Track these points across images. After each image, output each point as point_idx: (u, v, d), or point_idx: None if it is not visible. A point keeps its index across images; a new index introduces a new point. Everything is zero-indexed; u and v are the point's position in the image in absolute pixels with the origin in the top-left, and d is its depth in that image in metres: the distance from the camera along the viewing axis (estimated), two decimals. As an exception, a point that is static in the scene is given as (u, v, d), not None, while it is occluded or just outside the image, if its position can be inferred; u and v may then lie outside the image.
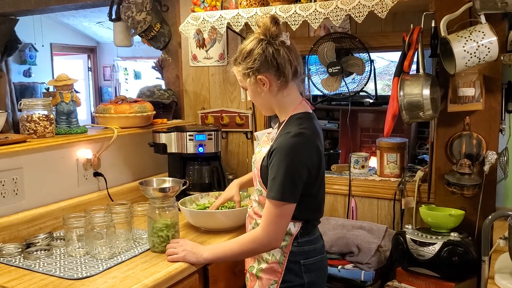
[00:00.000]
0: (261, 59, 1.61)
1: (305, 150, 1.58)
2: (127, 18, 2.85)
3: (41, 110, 2.15)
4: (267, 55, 1.61)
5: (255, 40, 1.64)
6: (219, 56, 2.88)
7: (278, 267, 1.66)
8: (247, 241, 1.65)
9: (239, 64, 1.67)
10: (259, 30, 1.64)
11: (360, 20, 2.10)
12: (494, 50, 1.86)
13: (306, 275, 1.66)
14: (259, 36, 1.64)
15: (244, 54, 1.64)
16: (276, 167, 1.56)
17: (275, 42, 1.62)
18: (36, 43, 7.08)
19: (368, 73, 2.45)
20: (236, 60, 1.68)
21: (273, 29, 1.61)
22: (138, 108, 2.53)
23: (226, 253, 1.70)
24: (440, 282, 2.01)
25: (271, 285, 1.67)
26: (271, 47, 1.61)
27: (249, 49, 1.63)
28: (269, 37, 1.62)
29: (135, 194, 2.45)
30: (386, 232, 2.33)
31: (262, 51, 1.61)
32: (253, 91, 1.69)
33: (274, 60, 1.61)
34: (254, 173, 1.72)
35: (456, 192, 2.07)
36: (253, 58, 1.62)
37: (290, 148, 1.56)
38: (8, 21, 4.11)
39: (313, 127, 1.65)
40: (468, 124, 2.11)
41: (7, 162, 1.95)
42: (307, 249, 1.68)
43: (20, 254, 1.80)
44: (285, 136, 1.59)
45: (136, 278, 1.60)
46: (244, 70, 1.65)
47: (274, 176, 1.56)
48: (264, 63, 1.61)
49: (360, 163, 2.61)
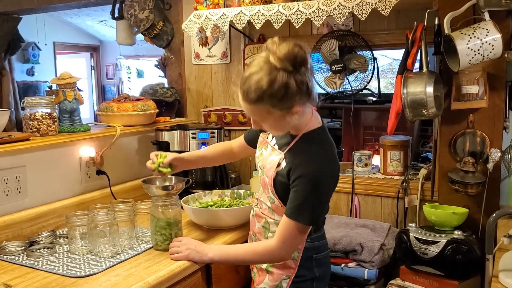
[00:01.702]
0: (297, 94, 1.46)
1: (333, 177, 1.60)
2: (129, 16, 2.85)
3: (44, 108, 2.15)
4: (301, 88, 1.46)
5: (282, 75, 1.43)
6: (222, 54, 2.87)
7: (292, 263, 1.67)
8: (260, 252, 1.65)
9: (264, 106, 1.48)
10: (283, 62, 1.44)
11: (363, 18, 2.09)
12: (498, 47, 1.85)
13: (316, 269, 1.70)
14: (283, 67, 1.44)
15: (274, 94, 1.44)
16: (304, 193, 1.54)
17: (302, 70, 1.47)
18: (39, 42, 7.10)
19: (371, 71, 2.44)
20: (259, 101, 1.46)
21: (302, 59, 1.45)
22: (141, 106, 2.54)
23: (235, 258, 1.71)
24: (443, 280, 2.00)
25: (282, 280, 1.68)
26: (302, 77, 1.46)
27: (279, 89, 1.43)
28: (298, 68, 1.46)
29: (138, 192, 2.45)
30: (390, 230, 2.32)
31: (297, 86, 1.45)
32: (276, 121, 1.54)
33: (307, 88, 1.48)
34: (265, 181, 1.68)
35: (460, 190, 2.06)
36: (287, 97, 1.45)
37: (320, 178, 1.54)
38: (11, 19, 4.11)
39: (331, 142, 1.64)
40: (472, 121, 2.10)
41: (10, 160, 1.95)
42: (319, 244, 1.71)
43: (23, 252, 1.80)
44: (312, 162, 1.54)
45: (139, 276, 1.60)
46: (276, 112, 1.49)
47: (302, 201, 1.54)
48: (300, 96, 1.48)
49: (363, 161, 2.60)
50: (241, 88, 1.51)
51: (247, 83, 1.48)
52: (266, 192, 1.71)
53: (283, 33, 2.65)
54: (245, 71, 1.54)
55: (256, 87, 1.45)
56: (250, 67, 1.51)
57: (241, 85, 1.50)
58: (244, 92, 1.49)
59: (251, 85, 1.46)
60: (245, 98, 1.50)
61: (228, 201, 2.18)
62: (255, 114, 1.54)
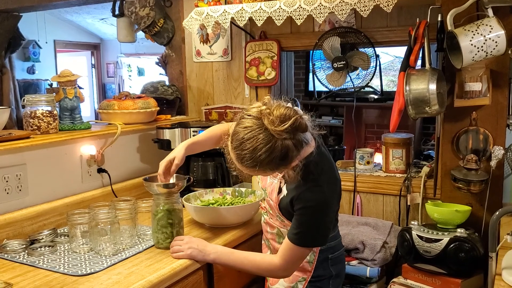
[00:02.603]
0: (296, 155, 1.45)
1: (333, 197, 1.61)
2: (130, 14, 2.84)
3: (45, 106, 2.14)
4: (299, 148, 1.44)
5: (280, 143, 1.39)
6: (223, 51, 2.86)
7: (308, 266, 1.69)
8: (263, 266, 1.66)
9: (263, 171, 1.46)
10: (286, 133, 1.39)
11: (366, 14, 2.08)
12: (501, 44, 1.84)
13: (332, 268, 1.71)
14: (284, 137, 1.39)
15: (273, 162, 1.41)
16: (307, 222, 1.55)
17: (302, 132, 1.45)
18: (40, 40, 7.08)
19: (374, 68, 2.43)
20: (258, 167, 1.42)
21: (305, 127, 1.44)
22: (142, 104, 2.53)
23: (236, 265, 1.71)
24: (446, 278, 1.99)
25: (298, 282, 1.70)
26: (300, 137, 1.43)
27: (279, 157, 1.41)
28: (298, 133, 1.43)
29: (139, 191, 2.44)
30: (392, 228, 2.31)
31: (296, 149, 1.43)
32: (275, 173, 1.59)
33: (304, 143, 1.47)
34: (270, 203, 1.70)
35: (463, 187, 2.05)
36: (287, 161, 1.44)
37: (321, 204, 1.55)
38: (11, 17, 4.10)
39: (328, 160, 1.63)
40: (475, 119, 2.09)
41: (10, 158, 1.94)
42: (334, 244, 1.72)
43: (24, 251, 1.79)
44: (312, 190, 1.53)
45: (140, 274, 1.59)
46: (275, 170, 1.47)
47: (305, 229, 1.55)
48: (298, 155, 1.46)
49: (365, 159, 2.59)
50: (234, 150, 1.44)
51: (241, 148, 1.41)
52: (273, 212, 1.71)
53: (284, 30, 2.64)
54: (236, 130, 1.44)
55: (252, 156, 1.40)
56: (241, 128, 1.42)
57: (234, 147, 1.44)
58: (239, 156, 1.43)
59: (246, 153, 1.40)
60: (240, 162, 1.45)
61: (229, 199, 2.17)
62: (251, 173, 1.51)
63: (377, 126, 5.42)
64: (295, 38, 2.65)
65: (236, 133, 1.43)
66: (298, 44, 2.65)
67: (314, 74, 2.58)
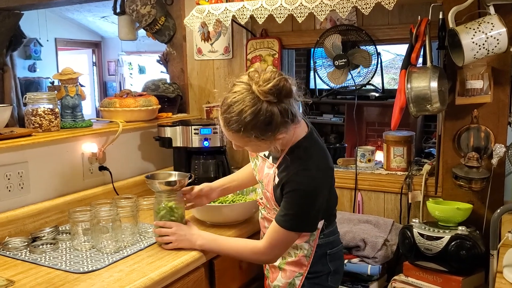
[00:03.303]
0: (282, 124, 1.45)
1: (323, 182, 1.58)
2: (131, 12, 2.84)
3: (46, 104, 2.14)
4: (285, 117, 1.45)
5: (265, 106, 1.41)
6: (224, 49, 2.86)
7: (305, 260, 1.68)
8: (248, 251, 1.67)
9: (247, 136, 1.46)
10: (269, 94, 1.41)
11: (367, 12, 2.08)
12: (503, 41, 1.84)
13: (331, 264, 1.71)
14: (268, 99, 1.41)
15: (257, 126, 1.43)
16: (294, 204, 1.54)
17: (288, 100, 1.45)
18: (41, 38, 7.09)
19: (375, 66, 2.43)
20: (243, 131, 1.44)
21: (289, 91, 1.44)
22: (143, 102, 2.53)
23: (222, 250, 1.73)
24: (447, 276, 1.99)
25: (295, 277, 1.69)
26: (286, 105, 1.44)
27: (263, 121, 1.42)
28: (283, 97, 1.44)
29: (141, 188, 2.44)
30: (393, 226, 2.32)
31: (281, 116, 1.43)
32: (258, 147, 1.56)
33: (290, 115, 1.46)
34: (267, 195, 1.69)
35: (464, 185, 2.05)
36: (272, 127, 1.44)
37: (310, 188, 1.53)
38: (12, 15, 4.10)
39: (320, 147, 1.63)
40: (476, 117, 2.09)
41: (12, 156, 1.95)
42: (332, 239, 1.72)
43: (26, 248, 1.80)
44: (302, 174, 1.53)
45: (142, 271, 1.59)
46: (261, 140, 1.48)
47: (293, 212, 1.54)
48: (284, 124, 1.46)
49: (366, 156, 2.59)
50: (222, 115, 1.47)
51: (229, 111, 1.44)
52: (270, 205, 1.71)
53: (286, 28, 2.64)
54: (226, 96, 1.48)
55: (238, 118, 1.42)
56: (231, 93, 1.46)
57: (222, 112, 1.47)
58: (226, 120, 1.46)
59: (232, 116, 1.43)
60: (226, 126, 1.47)
61: (231, 197, 2.17)
62: (237, 141, 1.53)
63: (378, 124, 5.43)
64: (296, 36, 2.65)
65: (226, 98, 1.47)
66: (299, 42, 2.65)
67: (315, 72, 2.58)
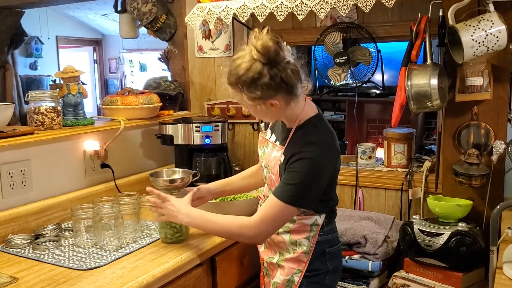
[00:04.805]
0: (270, 87, 1.49)
1: (329, 160, 1.58)
2: (132, 10, 2.84)
3: (48, 102, 2.15)
4: (275, 80, 1.48)
5: (258, 64, 1.48)
6: (225, 47, 2.87)
7: (303, 257, 1.67)
8: (234, 226, 1.62)
9: (242, 91, 1.52)
10: (259, 54, 1.47)
11: (367, 10, 2.08)
12: (502, 39, 1.84)
13: (329, 262, 1.70)
14: (259, 59, 1.48)
15: (248, 81, 1.49)
16: (298, 174, 1.53)
17: (280, 64, 1.49)
18: (42, 36, 7.10)
19: (375, 63, 2.44)
20: (238, 85, 1.52)
21: (282, 55, 1.48)
22: (145, 100, 2.54)
23: (207, 227, 1.68)
24: (448, 272, 2.00)
25: (294, 274, 1.68)
26: (278, 71, 1.48)
27: (252, 77, 1.48)
28: (273, 61, 1.48)
29: (142, 186, 2.44)
30: (394, 222, 2.32)
31: (270, 78, 1.47)
32: (259, 113, 1.60)
33: (284, 83, 1.50)
34: (271, 179, 1.68)
35: (464, 182, 2.06)
36: (259, 87, 1.49)
37: (315, 160, 1.53)
38: (14, 13, 4.11)
39: (330, 129, 1.65)
40: (476, 113, 2.09)
41: (15, 154, 1.96)
42: (331, 237, 1.72)
43: (29, 245, 1.81)
44: (310, 147, 1.54)
45: (144, 268, 1.61)
46: (252, 99, 1.52)
47: (294, 182, 1.53)
48: (274, 89, 1.50)
49: (367, 153, 2.60)
50: (228, 70, 1.58)
51: (230, 65, 1.56)
52: (272, 189, 1.70)
53: (286, 26, 2.64)
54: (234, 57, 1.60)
55: (235, 72, 1.52)
56: (238, 52, 1.57)
57: (228, 66, 1.58)
58: (227, 73, 1.56)
59: (231, 69, 1.54)
60: (227, 79, 1.57)
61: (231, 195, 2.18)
62: (234, 97, 1.60)
63: (379, 121, 5.43)
64: (297, 33, 2.65)
65: (233, 58, 1.58)
66: (300, 39, 2.66)
67: (315, 69, 2.58)
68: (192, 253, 1.73)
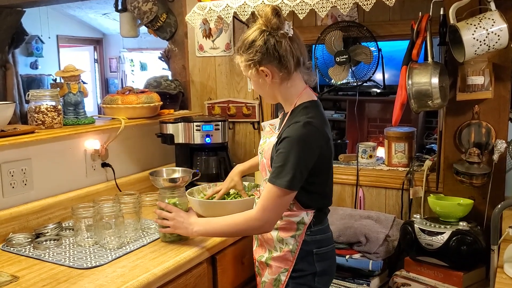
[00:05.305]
0: (263, 51, 1.59)
1: (315, 140, 1.59)
2: (133, 9, 2.84)
3: (49, 101, 2.15)
4: (268, 47, 1.59)
5: (257, 31, 1.61)
6: (226, 46, 2.86)
7: (290, 255, 1.67)
8: (240, 222, 1.65)
9: (241, 55, 1.65)
10: (261, 20, 1.61)
11: (368, 8, 2.08)
12: (504, 37, 1.84)
13: (318, 264, 1.68)
14: (261, 26, 1.61)
15: (246, 44, 1.63)
16: (284, 155, 1.56)
17: (276, 33, 1.59)
18: (43, 35, 7.10)
19: (376, 62, 2.43)
20: (239, 50, 1.66)
21: (274, 20, 1.59)
22: (145, 99, 2.54)
23: (216, 231, 1.73)
24: (448, 271, 2.00)
25: (281, 273, 1.68)
26: (272, 39, 1.59)
27: (251, 40, 1.61)
28: (270, 29, 1.59)
29: (143, 185, 2.46)
30: (394, 221, 2.32)
31: (264, 42, 1.59)
32: (255, 82, 1.70)
33: (276, 52, 1.59)
34: (263, 163, 1.72)
35: (465, 181, 2.06)
36: (254, 49, 1.60)
37: (300, 138, 1.56)
38: (14, 13, 4.11)
39: (321, 115, 1.66)
40: (477, 112, 2.09)
41: (16, 153, 1.96)
42: (320, 238, 1.70)
43: (30, 244, 1.81)
44: (294, 126, 1.58)
45: (145, 267, 1.61)
46: (246, 61, 1.64)
47: (282, 163, 1.55)
48: (266, 55, 1.60)
49: (367, 152, 2.60)
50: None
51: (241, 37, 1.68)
52: (263, 175, 1.72)
53: (287, 25, 2.63)
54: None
55: (241, 38, 1.66)
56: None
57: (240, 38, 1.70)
58: (238, 44, 1.68)
59: (241, 39, 1.67)
60: (236, 47, 1.69)
61: (233, 193, 2.18)
62: (240, 65, 1.70)
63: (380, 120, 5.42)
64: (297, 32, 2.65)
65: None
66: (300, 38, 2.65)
67: (316, 68, 2.58)
68: (193, 252, 1.73)
